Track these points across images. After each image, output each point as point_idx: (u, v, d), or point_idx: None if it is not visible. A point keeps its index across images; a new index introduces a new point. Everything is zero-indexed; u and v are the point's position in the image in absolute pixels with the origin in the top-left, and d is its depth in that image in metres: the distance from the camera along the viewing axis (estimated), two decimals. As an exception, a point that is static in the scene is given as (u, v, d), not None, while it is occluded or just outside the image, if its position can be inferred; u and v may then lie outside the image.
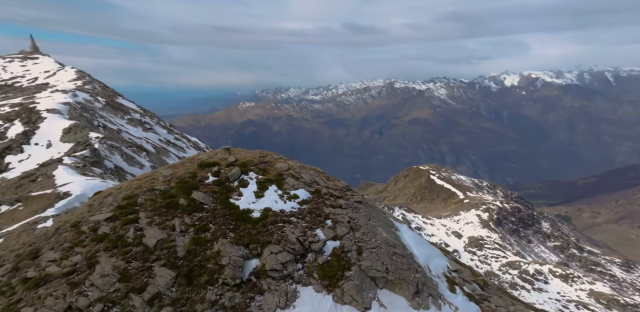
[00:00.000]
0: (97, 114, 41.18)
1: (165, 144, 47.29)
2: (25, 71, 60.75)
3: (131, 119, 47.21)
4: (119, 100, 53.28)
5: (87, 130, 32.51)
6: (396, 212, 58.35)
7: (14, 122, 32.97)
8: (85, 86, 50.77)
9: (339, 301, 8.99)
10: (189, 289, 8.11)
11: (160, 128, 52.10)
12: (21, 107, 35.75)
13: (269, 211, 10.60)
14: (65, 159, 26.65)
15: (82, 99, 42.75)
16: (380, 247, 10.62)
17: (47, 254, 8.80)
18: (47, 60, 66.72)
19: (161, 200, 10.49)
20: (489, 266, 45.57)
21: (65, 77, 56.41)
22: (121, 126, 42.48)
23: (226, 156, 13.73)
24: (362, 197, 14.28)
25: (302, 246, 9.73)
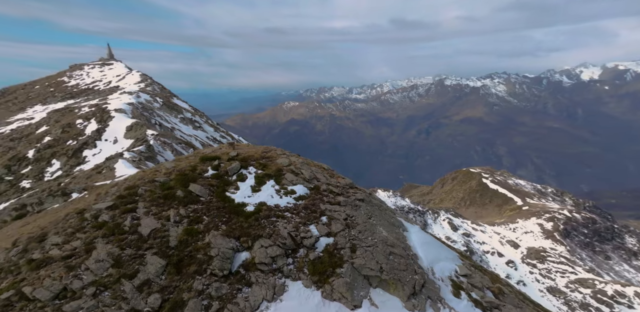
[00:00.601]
0: (155, 113, 45.54)
1: (212, 141, 50.95)
2: (102, 76, 69.47)
3: (183, 118, 51.35)
4: (174, 100, 58.92)
5: (145, 128, 35.95)
6: (441, 217, 56.51)
7: (90, 120, 37.66)
8: (147, 88, 57.24)
9: (328, 297, 9.07)
10: (178, 278, 8.53)
11: (208, 126, 56.35)
12: (96, 108, 40.49)
13: (263, 205, 10.88)
14: (125, 153, 29.40)
15: (144, 100, 47.49)
16: (377, 246, 10.57)
17: (51, 238, 9.60)
18: (119, 66, 76.40)
19: (160, 191, 11.08)
20: (552, 281, 42.21)
21: (131, 80, 63.99)
22: (175, 124, 46.23)
23: (229, 151, 14.21)
24: (366, 195, 14.25)
25: (294, 241, 9.91)
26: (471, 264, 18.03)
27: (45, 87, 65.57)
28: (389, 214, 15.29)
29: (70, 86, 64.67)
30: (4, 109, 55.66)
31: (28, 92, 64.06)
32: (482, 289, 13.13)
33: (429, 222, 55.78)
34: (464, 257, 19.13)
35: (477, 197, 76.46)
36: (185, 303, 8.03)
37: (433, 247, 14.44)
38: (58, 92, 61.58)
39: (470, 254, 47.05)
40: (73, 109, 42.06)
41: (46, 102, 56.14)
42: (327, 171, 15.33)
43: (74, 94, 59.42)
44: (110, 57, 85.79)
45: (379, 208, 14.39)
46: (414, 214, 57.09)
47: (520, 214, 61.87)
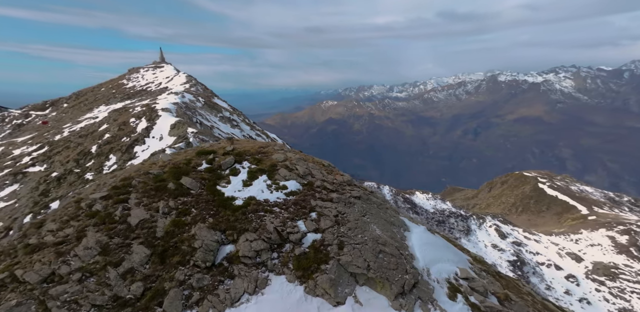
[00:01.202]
0: (197, 112, 49.39)
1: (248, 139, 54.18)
2: (154, 78, 76.77)
3: (222, 117, 54.94)
4: (215, 100, 63.67)
5: (186, 126, 39.35)
6: (488, 223, 54.35)
7: (141, 119, 42.07)
8: (191, 88, 62.88)
9: (311, 293, 9.19)
10: (161, 268, 8.92)
11: (244, 125, 60.01)
12: (147, 107, 45.05)
13: (252, 200, 11.14)
14: (167, 150, 32.28)
15: (187, 100, 51.56)
16: (366, 244, 10.58)
17: (48, 225, 10.26)
18: (169, 68, 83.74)
19: (152, 183, 11.58)
20: (627, 302, 38.46)
21: (178, 81, 69.93)
22: (214, 123, 49.53)
23: (225, 145, 14.60)
24: (364, 193, 14.25)
25: (280, 236, 10.09)
26: (482, 269, 17.61)
27: (108, 89, 73.79)
28: (390, 213, 15.21)
29: (128, 88, 71.67)
30: (77, 110, 62.92)
31: (95, 94, 72.42)
32: (485, 294, 12.84)
33: (472, 228, 53.59)
34: (478, 262, 18.69)
35: (531, 204, 71.56)
36: (167, 292, 8.40)
37: (434, 248, 14.24)
38: (118, 94, 68.28)
39: (521, 265, 44.90)
40: (128, 109, 46.11)
41: (108, 102, 62.68)
42: (325, 168, 15.44)
43: (131, 95, 65.44)
44: (162, 60, 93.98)
45: (377, 206, 14.35)
46: (456, 219, 55.00)
47: (585, 225, 56.95)
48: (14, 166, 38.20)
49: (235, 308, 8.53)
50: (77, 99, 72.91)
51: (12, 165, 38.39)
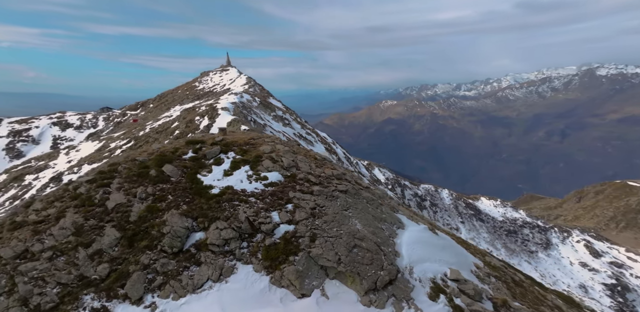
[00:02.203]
0: (252, 111, 53.52)
1: (298, 137, 57.31)
2: (220, 80, 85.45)
3: (275, 116, 58.81)
4: (270, 100, 68.68)
5: (240, 124, 42.99)
6: (575, 237, 50.26)
7: (204, 117, 47.57)
8: (250, 89, 69.80)
9: (276, 283, 9.16)
10: (129, 251, 9.22)
11: (296, 124, 63.92)
12: (209, 107, 50.17)
13: (229, 189, 11.26)
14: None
15: (245, 100, 56.15)
16: (340, 238, 10.40)
17: (35, 204, 10.90)
18: (233, 71, 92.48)
19: (136, 169, 11.99)
20: None
21: (239, 82, 76.57)
22: (267, 121, 52.96)
23: (215, 136, 14.86)
24: (352, 187, 14.02)
25: (252, 226, 10.13)
26: (491, 275, 16.80)
27: (184, 91, 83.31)
28: (384, 209, 14.89)
29: (198, 89, 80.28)
30: (158, 109, 72.12)
31: (174, 95, 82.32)
32: (477, 298, 12.27)
33: (553, 242, 49.87)
34: (492, 267, 17.84)
35: (638, 219, 63.29)
36: (130, 275, 8.67)
37: (425, 247, 13.79)
38: (190, 95, 76.78)
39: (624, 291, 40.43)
40: (195, 108, 50.66)
41: (182, 103, 70.14)
42: (317, 161, 15.34)
43: (200, 95, 72.65)
44: (228, 64, 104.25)
45: (367, 202, 14.09)
46: (531, 230, 51.22)
47: None
48: (109, 157, 42.91)
49: (197, 294, 8.66)
50: (160, 100, 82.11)
51: (108, 156, 42.94)
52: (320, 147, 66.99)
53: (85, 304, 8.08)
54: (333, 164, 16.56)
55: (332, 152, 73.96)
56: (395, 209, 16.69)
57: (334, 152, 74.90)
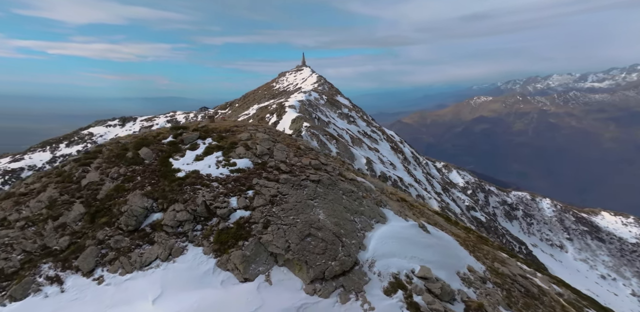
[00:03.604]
0: (318, 108, 55.95)
1: (362, 135, 58.96)
2: (295, 79, 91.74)
3: (341, 113, 60.94)
4: (337, 97, 71.05)
5: (302, 121, 45.17)
6: None
7: (273, 115, 50.49)
8: (319, 87, 72.74)
9: (222, 267, 9.40)
10: (89, 226, 9.89)
11: (361, 121, 65.88)
12: (279, 105, 53.42)
13: (194, 173, 11.61)
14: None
15: (313, 98, 58.94)
16: (295, 226, 10.38)
17: (27, 179, 11.97)
18: (307, 71, 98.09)
19: (116, 151, 12.72)
20: None
21: (310, 81, 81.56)
22: (332, 118, 55.19)
23: (202, 123, 15.31)
24: (330, 179, 13.86)
25: (207, 210, 10.41)
26: (485, 279, 16.00)
27: (263, 91, 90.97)
28: (366, 202, 14.64)
29: (275, 89, 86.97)
30: (241, 108, 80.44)
31: (255, 95, 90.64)
32: (446, 298, 11.78)
33: None
34: (496, 274, 16.94)
35: None
36: (85, 248, 9.32)
37: (400, 242, 13.39)
38: (268, 94, 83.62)
39: None
40: (267, 107, 55.14)
41: (260, 102, 76.88)
42: (298, 151, 15.30)
43: (275, 95, 78.76)
44: (303, 64, 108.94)
45: (344, 193, 13.89)
46: None
47: None
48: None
49: (143, 271, 9.13)
50: (243, 99, 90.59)
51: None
52: (385, 145, 66.68)
53: (42, 272, 8.85)
54: (317, 155, 16.43)
55: (397, 151, 71.03)
56: (382, 203, 16.31)
57: (400, 151, 71.69)
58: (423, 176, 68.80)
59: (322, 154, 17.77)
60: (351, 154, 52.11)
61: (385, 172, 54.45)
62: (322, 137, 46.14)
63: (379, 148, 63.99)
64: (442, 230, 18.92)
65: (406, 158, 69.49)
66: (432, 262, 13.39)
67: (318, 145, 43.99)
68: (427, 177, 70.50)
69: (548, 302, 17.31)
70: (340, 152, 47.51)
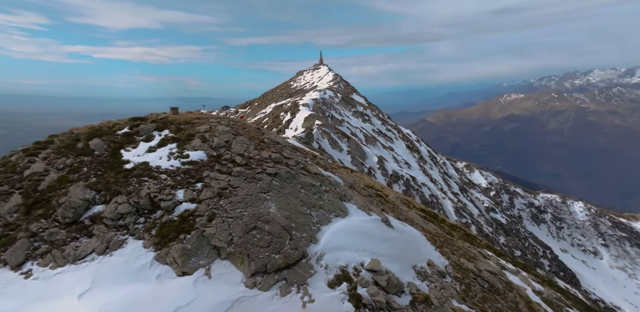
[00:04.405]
0: (332, 107, 54.13)
1: (377, 134, 57.11)
2: (311, 78, 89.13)
3: (356, 112, 58.78)
4: (353, 96, 68.67)
5: (315, 119, 43.62)
6: None
7: (287, 113, 48.75)
8: (334, 86, 69.97)
9: (160, 260, 8.79)
10: (24, 218, 9.10)
11: (376, 120, 63.79)
12: (293, 103, 51.42)
13: (143, 165, 10.86)
14: (288, 139, 35.94)
15: (327, 96, 56.75)
16: (240, 219, 9.82)
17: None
18: (324, 69, 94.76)
19: (68, 141, 11.84)
20: None
21: (326, 79, 78.96)
22: (346, 117, 53.34)
23: (162, 115, 14.46)
24: (289, 172, 13.29)
25: (151, 202, 9.73)
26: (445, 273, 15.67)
27: (281, 90, 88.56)
28: (327, 196, 14.16)
29: (292, 88, 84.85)
30: (259, 107, 78.15)
31: (273, 94, 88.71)
32: (391, 290, 11.45)
33: None
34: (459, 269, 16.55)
35: None
36: (16, 241, 8.56)
37: (355, 236, 12.96)
38: (285, 93, 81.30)
39: None
40: (282, 105, 53.02)
41: (277, 100, 74.96)
42: (261, 144, 14.66)
43: (292, 93, 76.31)
44: (320, 62, 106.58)
45: (303, 187, 13.35)
46: None
47: None
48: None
49: (76, 265, 8.43)
50: (262, 98, 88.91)
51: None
52: (401, 144, 64.71)
53: (-34, 265, 8.06)
54: (282, 148, 15.82)
55: (413, 150, 67.72)
56: (346, 197, 15.86)
57: (416, 150, 68.35)
58: (439, 176, 65.79)
59: (288, 148, 17.16)
60: (363, 152, 50.64)
61: (397, 171, 53.00)
62: (333, 135, 44.88)
63: (393, 147, 61.63)
64: (411, 225, 18.61)
65: (422, 157, 66.50)
66: (386, 256, 13.03)
67: (329, 143, 43.07)
68: (444, 176, 67.06)
69: (512, 297, 16.72)
70: (352, 151, 46.61)
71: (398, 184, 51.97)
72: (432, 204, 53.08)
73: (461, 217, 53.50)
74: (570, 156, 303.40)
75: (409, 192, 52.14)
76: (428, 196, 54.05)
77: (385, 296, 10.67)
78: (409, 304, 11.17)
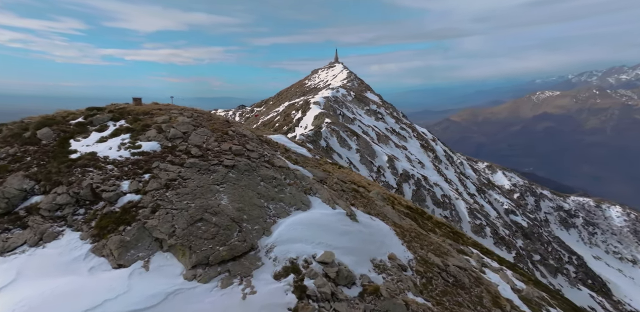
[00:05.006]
0: (344, 105, 51.95)
1: (390, 132, 55.12)
2: (326, 76, 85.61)
3: (369, 110, 56.38)
4: (366, 94, 66.10)
5: (324, 117, 42.09)
6: None
7: (298, 111, 46.66)
8: (347, 84, 67.15)
9: (96, 252, 8.24)
10: (-46, 208, 8.38)
11: (390, 118, 61.34)
12: (304, 101, 49.34)
13: (90, 155, 10.19)
14: (297, 136, 34.07)
15: (340, 94, 54.31)
16: (186, 210, 9.32)
17: None
18: (339, 67, 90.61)
19: (16, 130, 11.03)
20: None
21: (340, 77, 75.93)
22: (358, 115, 51.29)
23: (122, 105, 13.71)
24: (248, 164, 12.79)
25: (93, 193, 9.13)
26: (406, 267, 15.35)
27: (295, 88, 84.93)
28: (289, 189, 13.73)
29: (306, 86, 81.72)
30: (273, 105, 75.21)
31: (288, 93, 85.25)
32: (341, 281, 11.15)
33: None
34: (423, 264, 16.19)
35: None
36: (-59, 232, 7.87)
37: (311, 229, 12.59)
38: (299, 92, 77.88)
39: None
40: (294, 103, 51.05)
41: (291, 99, 70.25)
42: (225, 136, 14.08)
43: (306, 92, 73.35)
44: (335, 60, 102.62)
45: (263, 180, 12.89)
46: None
47: None
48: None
49: (3, 257, 7.80)
50: (277, 97, 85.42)
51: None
52: (415, 143, 61.99)
53: None
54: (246, 141, 15.26)
55: (428, 150, 63.47)
56: (312, 191, 15.47)
57: (430, 149, 64.00)
58: (455, 176, 62.48)
59: (254, 141, 16.61)
60: (372, 151, 48.64)
61: (407, 171, 50.53)
62: (342, 134, 43.43)
63: (407, 146, 58.87)
64: (382, 220, 18.24)
65: (437, 156, 62.84)
66: (343, 249, 12.70)
67: (338, 142, 41.83)
68: (460, 177, 63.38)
69: (478, 292, 16.13)
70: (361, 149, 45.01)
71: (408, 183, 49.01)
72: (444, 205, 50.57)
73: (475, 219, 50.22)
74: (612, 157, 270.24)
75: (420, 191, 49.39)
76: (440, 196, 51.44)
77: (333, 288, 10.37)
78: (358, 296, 10.90)
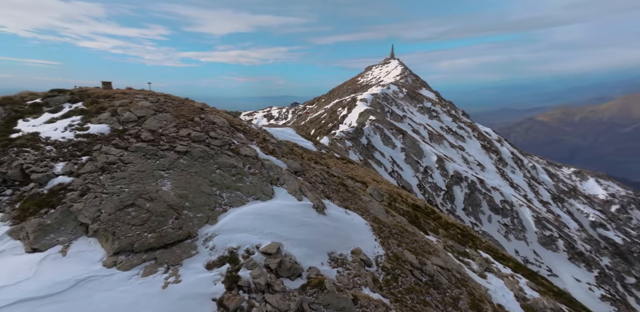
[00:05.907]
0: (395, 102, 49.69)
1: (445, 131, 51.71)
2: (380, 73, 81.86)
3: (422, 107, 53.37)
4: (421, 91, 62.84)
5: (369, 114, 40.60)
6: None
7: (344, 108, 45.40)
8: (400, 80, 64.19)
9: (12, 235, 7.51)
10: None
11: (446, 116, 57.19)
12: (351, 98, 48.19)
13: (31, 135, 9.42)
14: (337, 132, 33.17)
15: (391, 91, 51.60)
16: (117, 195, 8.51)
17: None
18: (393, 64, 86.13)
19: (-34, 110, 10.34)
20: None
21: (393, 74, 72.22)
22: (409, 113, 48.67)
23: (89, 89, 12.91)
24: (204, 151, 11.89)
25: (22, 174, 8.38)
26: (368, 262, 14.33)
27: (348, 85, 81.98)
28: (250, 179, 12.84)
29: (358, 83, 78.12)
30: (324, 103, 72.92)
31: (340, 90, 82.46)
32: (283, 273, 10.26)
33: None
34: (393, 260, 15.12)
35: None
36: None
37: (263, 219, 11.66)
38: (351, 89, 74.58)
39: None
40: (342, 101, 48.70)
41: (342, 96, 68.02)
42: (188, 123, 13.18)
43: (357, 89, 69.95)
44: (391, 56, 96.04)
45: (220, 167, 12.01)
46: None
47: None
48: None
49: None
50: (329, 95, 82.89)
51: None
52: (475, 143, 55.66)
53: None
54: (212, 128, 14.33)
55: (491, 151, 57.00)
56: (279, 182, 14.53)
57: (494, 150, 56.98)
58: (524, 181, 55.37)
59: (224, 129, 15.69)
60: (420, 150, 44.13)
61: (460, 172, 44.82)
62: (387, 131, 40.60)
63: (465, 146, 53.53)
64: (360, 215, 17.09)
65: (502, 159, 56.00)
66: (296, 240, 11.75)
67: (381, 140, 39.02)
68: (531, 182, 56.26)
69: (456, 294, 14.34)
70: (406, 148, 41.91)
71: (460, 186, 43.40)
72: (504, 211, 44.31)
73: (544, 229, 42.89)
74: None
75: (474, 195, 43.53)
76: (499, 202, 44.93)
77: (272, 279, 9.51)
78: (299, 288, 10.03)
